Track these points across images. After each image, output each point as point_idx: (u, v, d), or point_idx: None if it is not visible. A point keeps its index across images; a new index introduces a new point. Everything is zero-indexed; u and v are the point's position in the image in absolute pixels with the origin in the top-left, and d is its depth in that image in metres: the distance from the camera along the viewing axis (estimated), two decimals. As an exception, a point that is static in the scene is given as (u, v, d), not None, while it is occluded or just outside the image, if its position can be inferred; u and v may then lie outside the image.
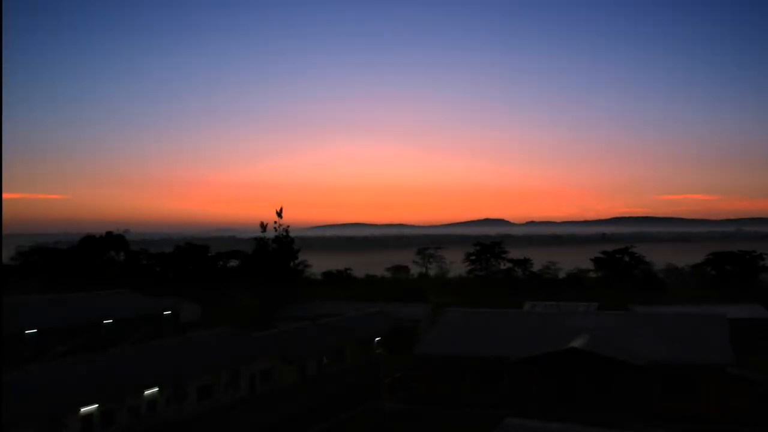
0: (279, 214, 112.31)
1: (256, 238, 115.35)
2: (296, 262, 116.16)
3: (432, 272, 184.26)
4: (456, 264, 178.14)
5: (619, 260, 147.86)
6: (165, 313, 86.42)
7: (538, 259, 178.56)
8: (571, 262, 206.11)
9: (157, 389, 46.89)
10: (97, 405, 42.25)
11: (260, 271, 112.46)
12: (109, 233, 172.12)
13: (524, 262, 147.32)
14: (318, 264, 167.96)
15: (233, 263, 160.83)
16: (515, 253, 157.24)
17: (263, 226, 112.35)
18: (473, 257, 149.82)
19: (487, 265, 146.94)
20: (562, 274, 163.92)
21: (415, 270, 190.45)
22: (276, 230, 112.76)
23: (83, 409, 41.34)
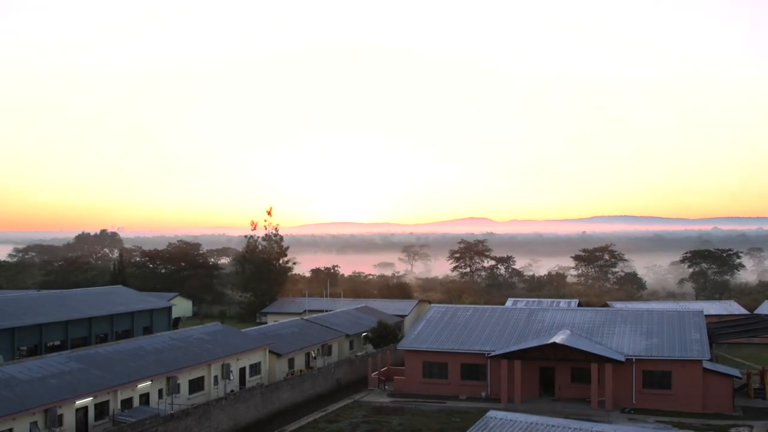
0: (269, 213, 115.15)
1: (246, 237, 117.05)
2: (285, 259, 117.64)
3: (417, 270, 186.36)
4: (440, 262, 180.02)
5: (599, 258, 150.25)
6: (158, 308, 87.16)
7: (521, 257, 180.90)
8: (552, 259, 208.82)
9: (149, 382, 47.82)
10: (91, 398, 43.08)
11: (250, 268, 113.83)
12: (103, 231, 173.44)
13: (507, 260, 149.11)
14: (306, 261, 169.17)
15: (224, 260, 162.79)
16: (498, 251, 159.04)
17: (253, 225, 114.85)
18: (457, 255, 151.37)
19: (471, 262, 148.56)
20: (543, 272, 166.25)
21: (400, 267, 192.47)
22: (266, 229, 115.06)
23: (78, 402, 42.14)
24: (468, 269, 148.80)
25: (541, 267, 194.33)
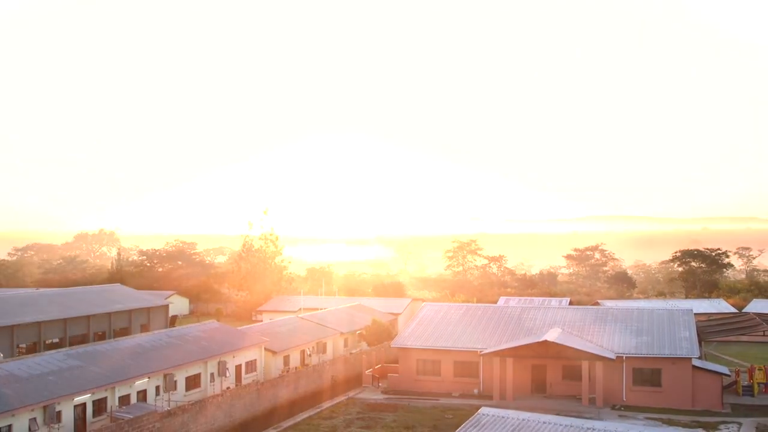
0: (265, 213, 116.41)
1: (243, 236, 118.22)
2: (281, 258, 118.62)
3: (411, 268, 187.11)
4: (434, 260, 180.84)
5: (590, 257, 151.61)
6: (155, 306, 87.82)
7: (513, 256, 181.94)
8: (544, 258, 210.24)
9: (147, 379, 48.40)
10: (89, 394, 43.62)
11: (246, 267, 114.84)
12: (101, 230, 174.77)
13: (499, 259, 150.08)
14: (301, 260, 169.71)
15: (221, 259, 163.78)
16: (490, 250, 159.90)
17: (250, 224, 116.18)
18: (450, 254, 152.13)
19: (464, 261, 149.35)
20: (535, 270, 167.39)
21: (395, 266, 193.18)
22: (262, 228, 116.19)
23: (76, 398, 42.66)
24: (461, 268, 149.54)
25: (533, 266, 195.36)
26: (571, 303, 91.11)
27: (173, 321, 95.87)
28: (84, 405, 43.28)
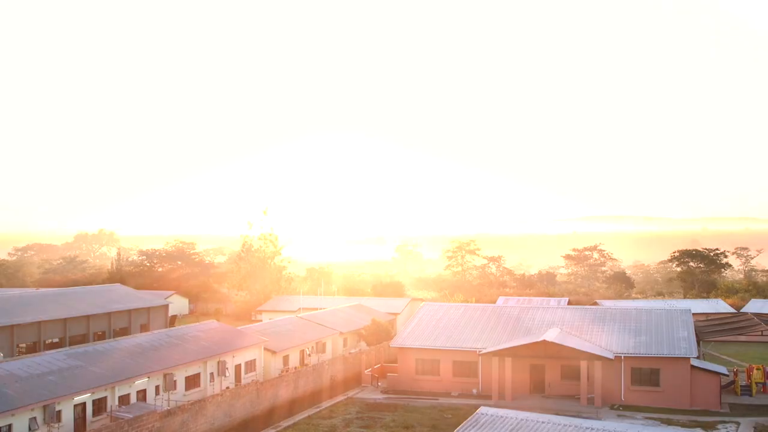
0: (264, 213, 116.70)
1: (242, 236, 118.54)
2: (280, 258, 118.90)
3: (410, 268, 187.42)
4: (433, 260, 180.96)
5: (589, 257, 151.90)
6: (154, 306, 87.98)
7: (512, 256, 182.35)
8: (544, 258, 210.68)
9: (146, 379, 48.55)
10: (89, 394, 43.76)
11: (246, 266, 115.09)
12: (101, 230, 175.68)
13: (498, 259, 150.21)
14: (301, 260, 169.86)
15: (220, 259, 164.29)
16: (490, 250, 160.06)
17: (249, 224, 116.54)
18: (449, 254, 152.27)
19: (463, 261, 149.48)
20: (534, 270, 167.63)
21: (394, 266, 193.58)
22: (261, 228, 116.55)
23: (76, 398, 42.80)
24: (460, 268, 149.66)
25: (532, 266, 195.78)
26: (569, 303, 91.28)
27: (173, 321, 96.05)
28: (84, 404, 43.45)
